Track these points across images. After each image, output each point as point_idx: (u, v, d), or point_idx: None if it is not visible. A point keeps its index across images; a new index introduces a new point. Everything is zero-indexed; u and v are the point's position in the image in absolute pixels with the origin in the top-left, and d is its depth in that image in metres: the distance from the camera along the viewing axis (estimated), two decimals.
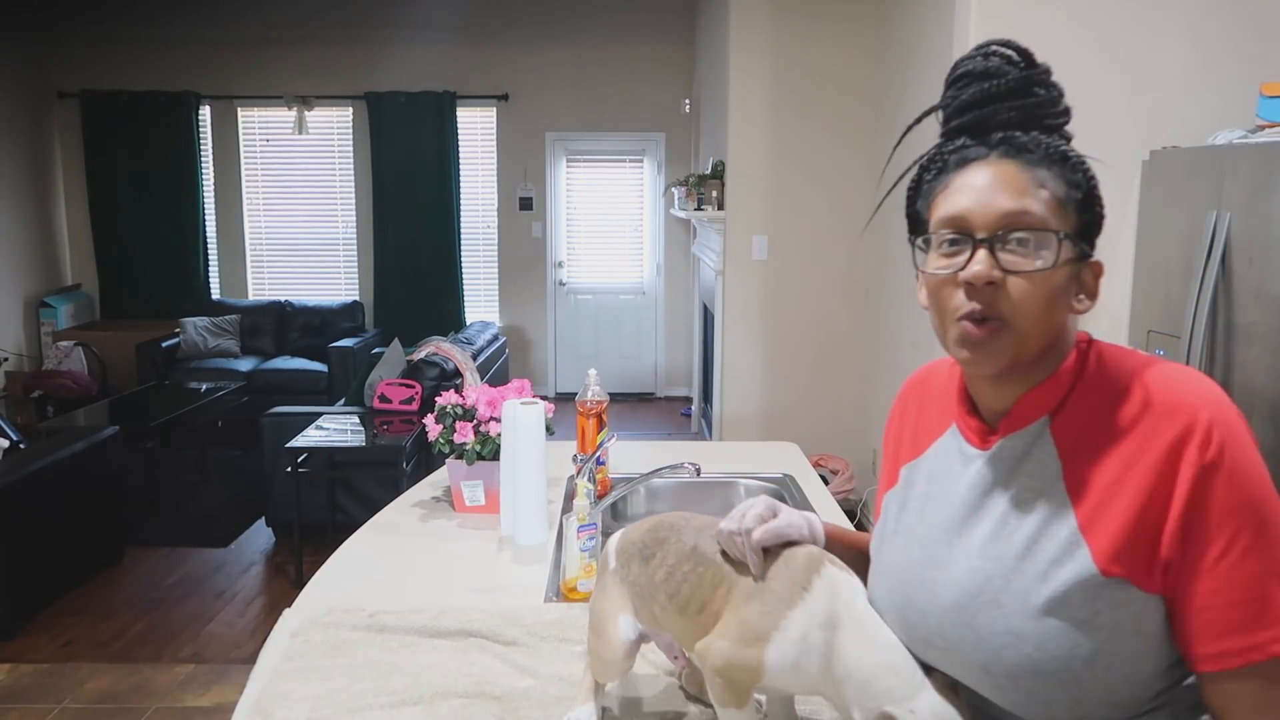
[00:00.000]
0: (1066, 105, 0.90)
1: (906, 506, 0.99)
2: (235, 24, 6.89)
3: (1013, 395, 0.89)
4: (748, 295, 4.59)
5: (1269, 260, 2.21)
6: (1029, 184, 0.84)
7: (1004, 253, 0.84)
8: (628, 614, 1.13)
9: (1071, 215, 0.85)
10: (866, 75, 4.37)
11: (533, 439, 1.78)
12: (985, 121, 0.89)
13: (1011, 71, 0.89)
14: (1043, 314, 0.84)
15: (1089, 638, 0.81)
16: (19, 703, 2.98)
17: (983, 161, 0.87)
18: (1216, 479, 0.78)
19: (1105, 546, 0.81)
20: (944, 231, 0.87)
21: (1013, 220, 0.84)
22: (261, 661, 1.38)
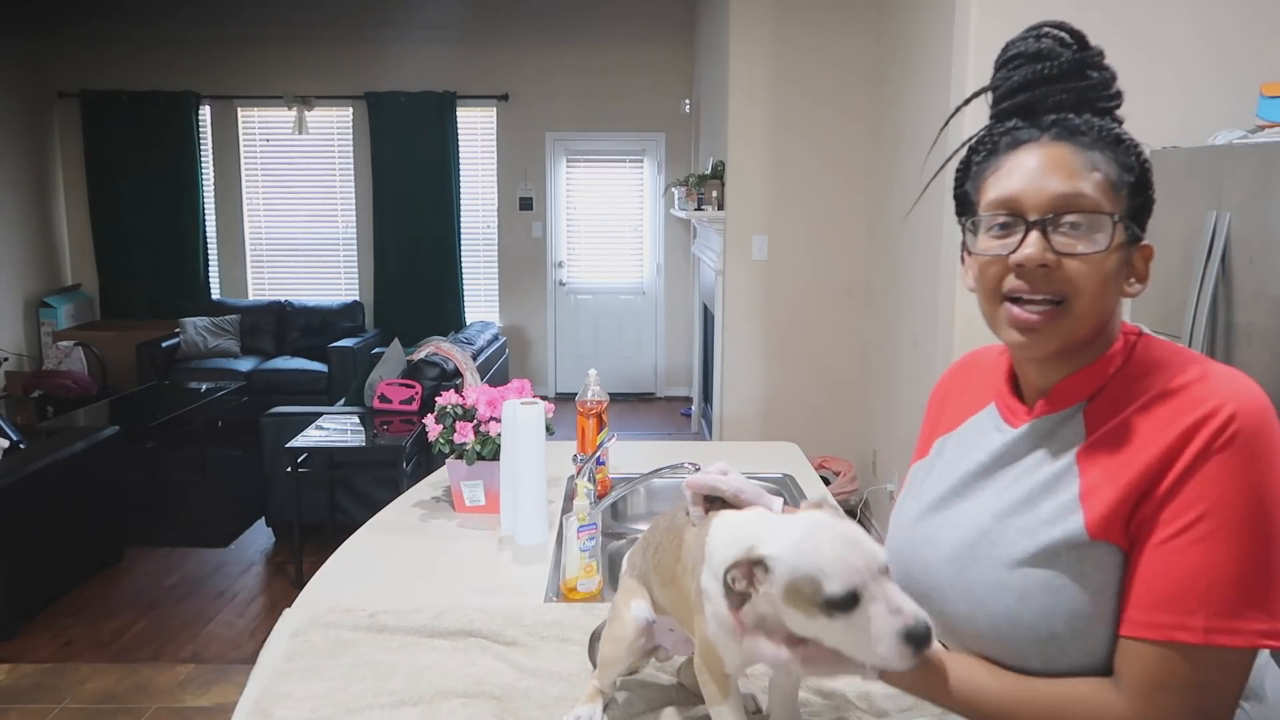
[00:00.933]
0: (1119, 89, 0.90)
1: (930, 474, 1.02)
2: (235, 24, 6.89)
3: (1056, 376, 0.89)
4: (748, 295, 4.59)
5: (1269, 260, 2.21)
6: (1082, 167, 0.84)
7: (1057, 235, 0.84)
8: (641, 599, 1.17)
9: (1124, 198, 0.85)
10: (866, 75, 4.37)
11: (533, 439, 1.78)
12: (1037, 103, 0.89)
13: (1064, 54, 0.88)
14: (1097, 296, 0.84)
15: (1072, 596, 0.82)
16: (19, 703, 2.98)
17: (1035, 144, 0.87)
18: (1213, 462, 0.78)
19: (1099, 514, 0.82)
20: (996, 213, 0.87)
21: (1065, 203, 0.84)
22: (261, 661, 1.38)
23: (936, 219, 3.28)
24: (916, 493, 1.03)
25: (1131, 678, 0.79)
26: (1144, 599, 0.79)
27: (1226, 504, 0.77)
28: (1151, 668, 0.78)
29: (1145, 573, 0.80)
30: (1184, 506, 0.78)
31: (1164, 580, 0.78)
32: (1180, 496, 0.78)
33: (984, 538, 0.89)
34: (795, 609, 0.86)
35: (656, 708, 1.25)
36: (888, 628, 0.82)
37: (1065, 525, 0.83)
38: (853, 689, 1.28)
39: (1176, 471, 0.79)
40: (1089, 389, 0.88)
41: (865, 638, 0.82)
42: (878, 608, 0.83)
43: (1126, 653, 0.80)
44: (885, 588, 0.84)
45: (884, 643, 0.82)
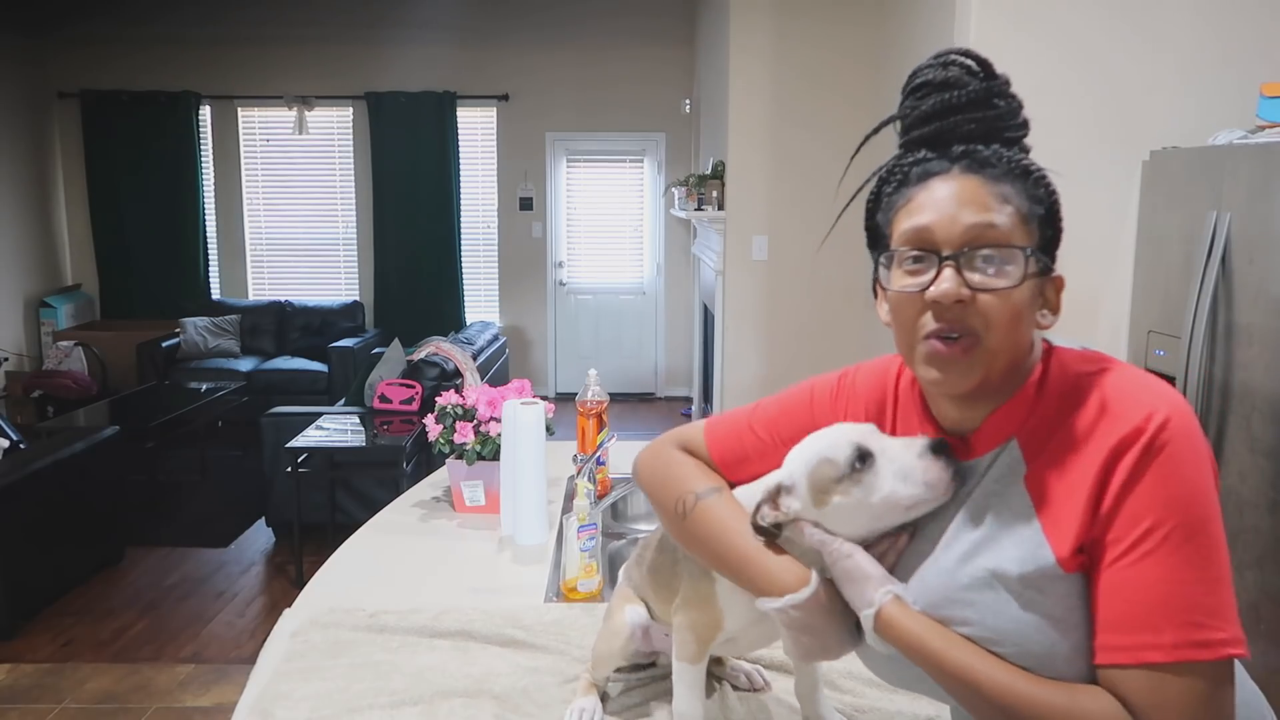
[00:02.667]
0: (1025, 118, 0.89)
1: None
2: (235, 24, 6.89)
3: (979, 414, 0.88)
4: (748, 295, 4.58)
5: (1269, 260, 2.21)
6: (993, 199, 0.83)
7: (970, 270, 0.82)
8: (636, 604, 1.21)
9: (1035, 230, 0.84)
10: (866, 76, 4.37)
11: (533, 439, 1.78)
12: (946, 134, 0.87)
13: (971, 82, 0.87)
14: (1011, 330, 0.83)
15: (1065, 635, 0.81)
16: (19, 703, 2.98)
17: (945, 175, 0.85)
18: (1149, 474, 0.77)
19: (1066, 546, 0.81)
20: (907, 248, 0.86)
21: (978, 236, 0.82)
22: (261, 661, 1.38)
23: None
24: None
25: (1133, 704, 0.78)
26: (1108, 623, 0.78)
27: (1168, 514, 0.76)
28: (1146, 691, 0.77)
29: (1103, 596, 0.79)
30: (1129, 522, 0.77)
31: (1122, 601, 0.78)
32: (1123, 513, 0.78)
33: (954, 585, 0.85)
34: (828, 497, 0.90)
35: (654, 699, 1.26)
36: (909, 456, 0.87)
37: (1036, 560, 0.81)
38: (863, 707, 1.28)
39: (1115, 488, 0.78)
40: (1018, 419, 0.86)
41: (899, 480, 0.87)
42: (892, 451, 0.88)
43: (1116, 682, 0.78)
44: (883, 439, 0.90)
45: (916, 470, 0.87)
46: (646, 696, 1.27)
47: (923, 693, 0.93)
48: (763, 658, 1.34)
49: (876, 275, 0.93)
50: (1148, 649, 0.76)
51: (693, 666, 1.09)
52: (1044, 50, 2.87)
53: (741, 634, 1.07)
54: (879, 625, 0.86)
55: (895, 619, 0.86)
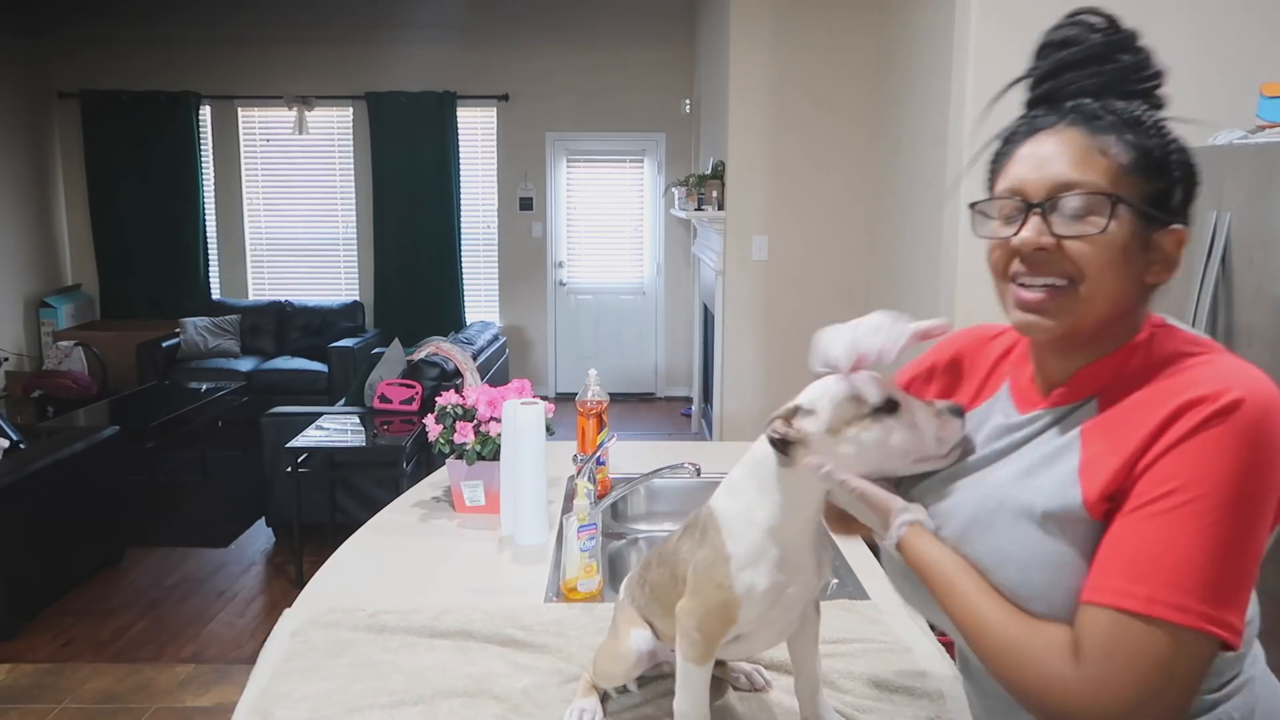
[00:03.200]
0: (1157, 69, 0.89)
1: None
2: (235, 24, 6.89)
3: (1073, 367, 0.89)
4: (748, 295, 4.58)
5: (1269, 260, 2.21)
6: (1088, 150, 0.84)
7: (1056, 218, 0.84)
8: (641, 628, 1.19)
9: (1137, 180, 0.84)
10: (867, 75, 4.37)
11: (533, 439, 1.78)
12: (1060, 90, 0.89)
13: (1091, 38, 0.89)
14: (1104, 278, 0.83)
15: (1074, 574, 0.81)
16: (19, 703, 2.98)
17: (1049, 130, 0.87)
18: (1200, 438, 0.76)
19: (1096, 491, 0.81)
20: (1003, 200, 0.88)
21: (1064, 186, 0.84)
22: (261, 661, 1.38)
23: (936, 219, 3.28)
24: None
25: (1084, 643, 0.78)
26: (1101, 563, 0.79)
27: (1205, 484, 0.75)
28: (1102, 634, 0.77)
29: (1108, 539, 0.79)
30: (1161, 478, 0.77)
31: (1122, 548, 0.78)
32: (1157, 469, 0.77)
33: (983, 507, 0.89)
34: (845, 429, 0.96)
35: (657, 698, 1.26)
36: (928, 413, 0.95)
37: (1063, 498, 0.83)
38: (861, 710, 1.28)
39: (1161, 446, 0.78)
40: (1108, 379, 0.87)
41: (916, 431, 0.94)
42: (915, 406, 0.96)
43: (1083, 618, 0.79)
44: (909, 398, 0.97)
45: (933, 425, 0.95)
46: (648, 696, 1.27)
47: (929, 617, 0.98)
48: (762, 658, 1.34)
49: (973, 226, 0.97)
50: (1125, 595, 0.76)
51: (699, 667, 1.06)
52: None
53: (755, 629, 1.05)
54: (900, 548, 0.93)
55: (911, 545, 0.92)
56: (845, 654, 1.36)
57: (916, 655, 1.37)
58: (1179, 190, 0.86)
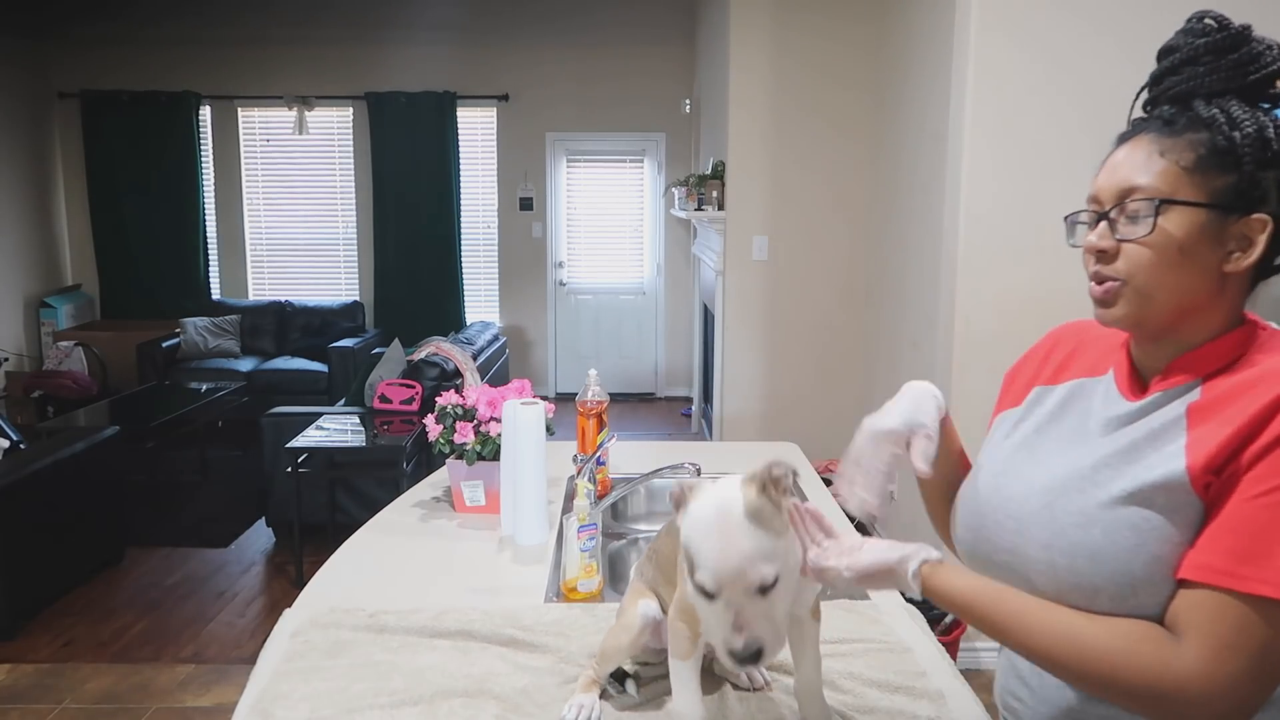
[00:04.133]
0: (1274, 56, 0.88)
1: (1026, 420, 1.03)
2: (235, 24, 6.89)
3: (1166, 357, 0.91)
4: (748, 295, 4.58)
5: None
6: (1150, 155, 0.88)
7: (1121, 222, 0.88)
8: (649, 599, 1.23)
9: (1201, 178, 0.86)
10: (867, 75, 4.37)
11: (533, 439, 1.78)
12: (1159, 98, 0.93)
13: (1196, 43, 0.90)
14: (1157, 274, 0.87)
15: (1158, 539, 0.82)
16: (19, 703, 2.98)
17: (1130, 140, 0.91)
18: None
19: (1200, 462, 0.82)
20: (1088, 208, 0.93)
21: (1126, 192, 0.88)
22: (261, 661, 1.38)
23: (936, 219, 3.28)
24: (1009, 433, 1.04)
25: (1202, 633, 0.79)
26: (1222, 547, 0.79)
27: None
28: (1227, 623, 0.78)
29: (1223, 523, 0.80)
30: (1274, 468, 0.79)
31: (1246, 533, 0.78)
32: (1271, 458, 0.79)
33: (1079, 476, 0.90)
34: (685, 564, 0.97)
35: (656, 698, 1.26)
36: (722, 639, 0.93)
37: (1166, 469, 0.84)
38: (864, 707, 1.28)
39: (1273, 434, 0.79)
40: (1207, 367, 0.89)
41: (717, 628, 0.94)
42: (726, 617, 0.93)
43: (1197, 604, 0.80)
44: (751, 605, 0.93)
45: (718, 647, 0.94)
46: (648, 696, 1.27)
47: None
48: None
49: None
50: (1261, 582, 0.77)
51: (684, 663, 1.10)
52: (1045, 47, 2.87)
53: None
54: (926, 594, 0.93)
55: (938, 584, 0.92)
56: (845, 654, 1.36)
57: (916, 655, 1.37)
58: (1265, 177, 0.86)
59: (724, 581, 0.92)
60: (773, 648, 0.93)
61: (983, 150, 2.93)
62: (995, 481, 0.99)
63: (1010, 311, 2.97)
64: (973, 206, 2.98)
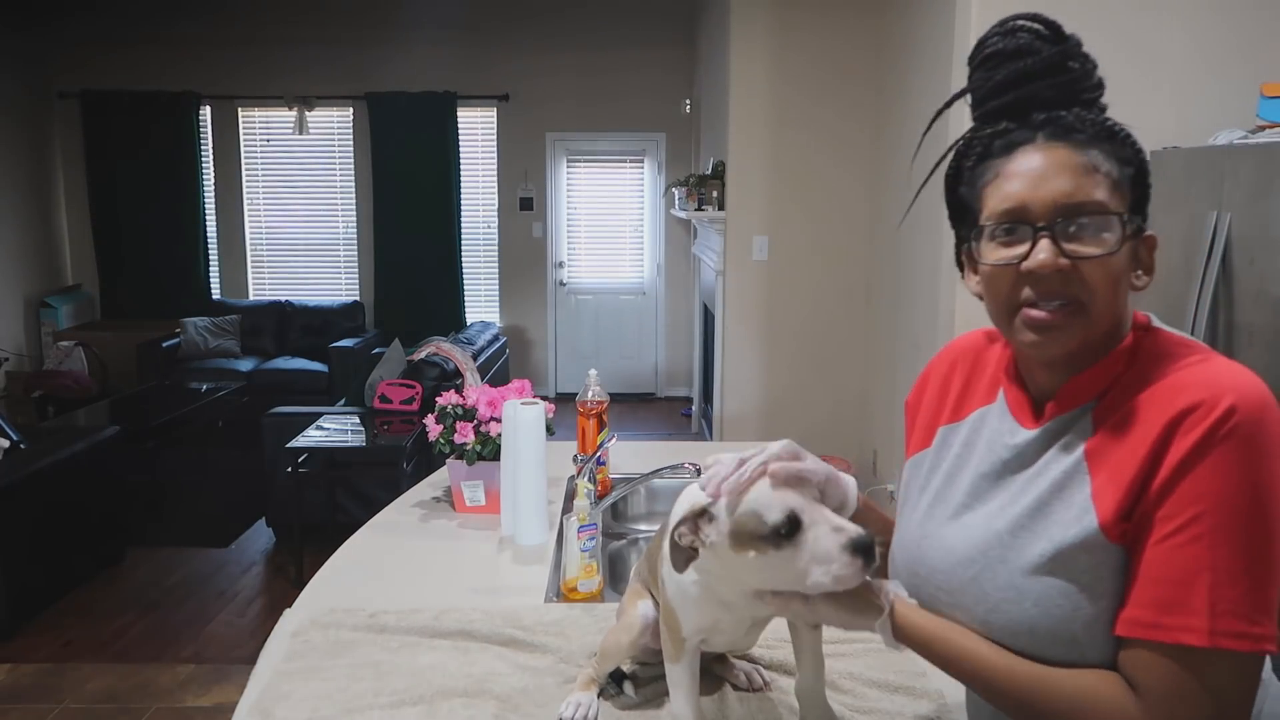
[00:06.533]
0: (1100, 78, 0.88)
1: (937, 468, 0.99)
2: (235, 24, 6.89)
3: (1060, 380, 0.88)
4: (748, 295, 4.58)
5: (1269, 260, 2.21)
6: (1083, 166, 0.83)
7: (1065, 239, 0.82)
8: (647, 599, 1.22)
9: (1126, 192, 0.85)
10: (867, 75, 4.36)
11: (533, 439, 1.78)
12: (1023, 102, 0.87)
13: (1044, 47, 0.87)
14: (1111, 295, 0.83)
15: (1091, 601, 0.80)
16: (19, 703, 2.98)
17: (1031, 145, 0.85)
18: (1212, 456, 0.76)
19: (1110, 511, 0.80)
20: (1000, 221, 0.86)
21: (1072, 207, 0.82)
22: (262, 661, 1.38)
23: (936, 220, 3.27)
24: (923, 486, 1.00)
25: (1147, 686, 0.77)
26: (1145, 598, 0.78)
27: (1225, 501, 0.75)
28: (1164, 675, 0.76)
29: (1146, 572, 0.78)
30: (1183, 502, 0.76)
31: (1165, 579, 0.77)
32: (1178, 492, 0.76)
33: (999, 543, 0.87)
34: (745, 549, 0.90)
35: (655, 698, 1.26)
36: (833, 543, 0.86)
37: (1080, 527, 0.81)
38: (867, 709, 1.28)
39: (1170, 465, 0.77)
40: (1096, 388, 0.86)
41: (816, 562, 0.87)
42: (820, 529, 0.87)
43: (1135, 657, 0.78)
44: (822, 512, 0.88)
45: (835, 560, 0.86)
46: (648, 696, 1.27)
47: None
48: (762, 658, 1.34)
49: (962, 249, 0.93)
50: (1182, 630, 0.75)
51: (677, 666, 1.09)
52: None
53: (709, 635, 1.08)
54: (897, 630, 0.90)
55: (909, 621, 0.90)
56: (845, 654, 1.36)
57: (916, 655, 1.37)
58: (1149, 196, 0.87)
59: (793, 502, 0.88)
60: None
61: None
62: (920, 547, 0.96)
63: None
64: None
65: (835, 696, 1.25)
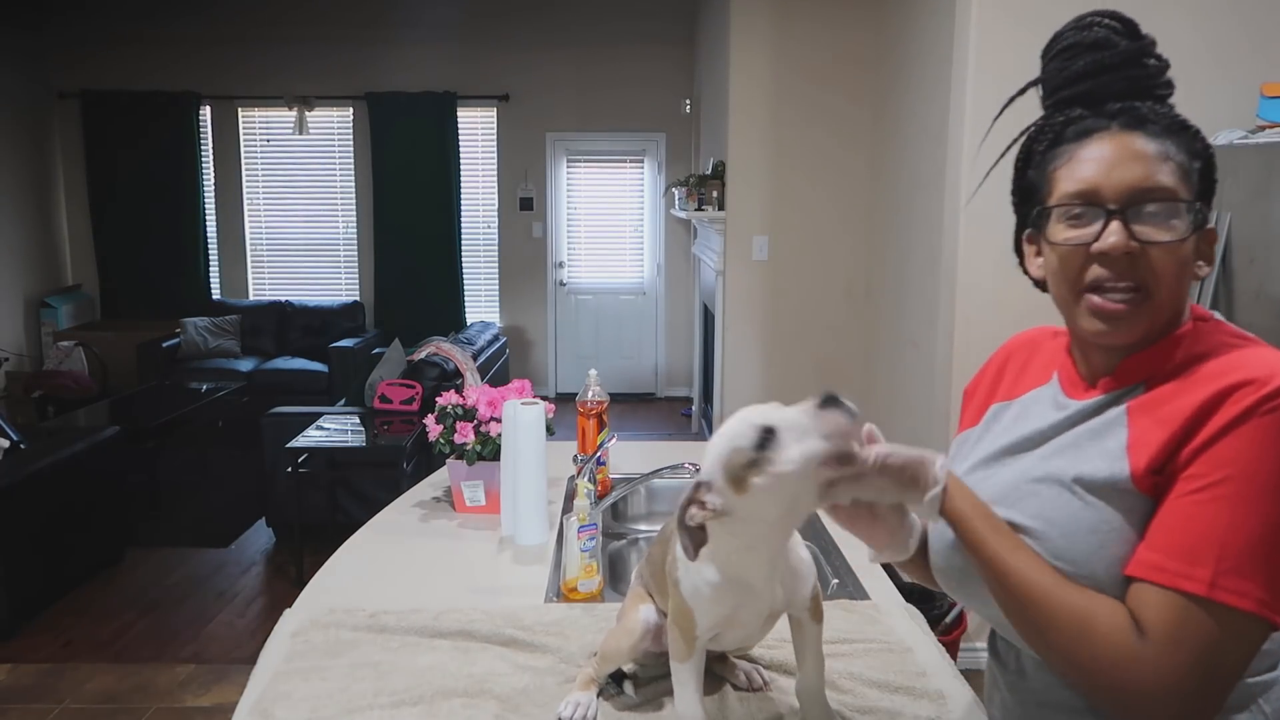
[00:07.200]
0: (1170, 78, 0.91)
1: (984, 438, 1.02)
2: (235, 24, 6.89)
3: (1117, 359, 0.90)
4: (748, 295, 4.58)
5: (1269, 260, 2.21)
6: (1156, 155, 0.85)
7: (1137, 224, 0.84)
8: (649, 604, 1.23)
9: (1195, 184, 0.87)
10: (867, 75, 4.36)
11: (533, 439, 1.78)
12: (1098, 92, 0.90)
13: (1121, 42, 0.90)
14: (1176, 283, 0.86)
15: (1116, 542, 0.82)
16: (19, 703, 2.98)
17: (1105, 133, 0.87)
18: (1252, 424, 0.78)
19: (1144, 462, 0.82)
20: (1072, 203, 0.87)
21: (1144, 192, 0.85)
22: (262, 662, 1.38)
23: (936, 219, 3.27)
24: (969, 454, 1.03)
25: (1153, 627, 0.79)
26: (1157, 543, 0.80)
27: (1258, 469, 0.77)
28: (1171, 620, 0.78)
29: (1165, 520, 0.80)
30: (1215, 462, 0.78)
31: (1181, 530, 0.79)
32: (1212, 452, 0.79)
33: (1029, 476, 0.90)
34: (745, 482, 0.92)
35: (655, 698, 1.26)
36: (803, 418, 0.90)
37: (1110, 470, 0.84)
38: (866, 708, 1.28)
39: (1212, 428, 0.79)
40: (1151, 368, 0.88)
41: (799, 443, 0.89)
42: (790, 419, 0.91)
43: (1142, 597, 0.80)
44: (783, 412, 0.93)
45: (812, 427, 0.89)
46: (648, 696, 1.27)
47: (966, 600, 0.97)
48: (762, 658, 1.34)
49: (1024, 233, 0.96)
50: (1185, 578, 0.78)
51: (683, 665, 1.09)
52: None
53: (722, 631, 1.09)
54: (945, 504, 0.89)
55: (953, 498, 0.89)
56: (845, 654, 1.36)
57: (916, 655, 1.37)
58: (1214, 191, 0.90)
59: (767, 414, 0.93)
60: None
61: (983, 150, 2.92)
62: None
63: (1010, 311, 2.96)
64: (973, 206, 2.98)
65: (835, 696, 1.25)
